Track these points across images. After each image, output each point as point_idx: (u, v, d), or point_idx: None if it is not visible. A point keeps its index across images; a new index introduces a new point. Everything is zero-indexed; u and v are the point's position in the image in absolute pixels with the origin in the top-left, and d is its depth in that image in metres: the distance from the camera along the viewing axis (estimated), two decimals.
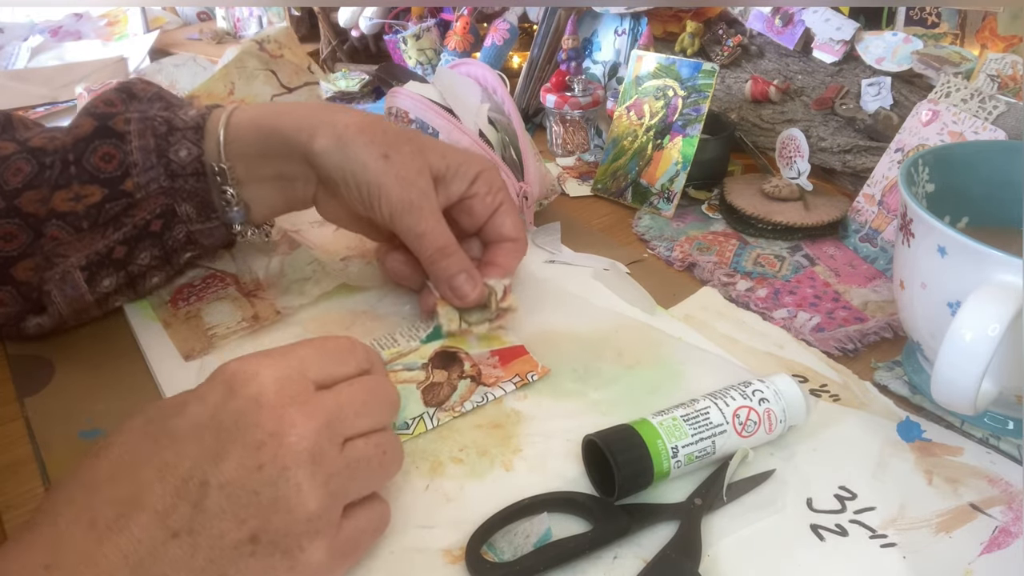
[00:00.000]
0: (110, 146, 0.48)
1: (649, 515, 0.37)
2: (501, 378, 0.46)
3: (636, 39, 0.79)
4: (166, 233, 0.50)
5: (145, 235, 0.50)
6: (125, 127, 0.48)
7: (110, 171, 0.48)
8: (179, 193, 0.49)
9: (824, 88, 0.72)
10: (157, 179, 0.48)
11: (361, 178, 0.46)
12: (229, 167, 0.49)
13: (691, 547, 0.36)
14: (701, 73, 0.65)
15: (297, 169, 0.49)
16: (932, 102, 0.58)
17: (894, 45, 0.68)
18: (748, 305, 0.54)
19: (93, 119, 0.49)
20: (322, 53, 1.07)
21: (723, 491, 0.38)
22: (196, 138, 0.49)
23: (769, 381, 0.41)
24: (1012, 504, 0.38)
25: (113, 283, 0.50)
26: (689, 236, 0.63)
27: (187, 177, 0.49)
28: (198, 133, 0.49)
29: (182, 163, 0.49)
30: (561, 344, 0.50)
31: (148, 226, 0.49)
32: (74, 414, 0.45)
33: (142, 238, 0.50)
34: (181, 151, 0.49)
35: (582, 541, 0.36)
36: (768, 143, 0.71)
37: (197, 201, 0.50)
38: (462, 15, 0.92)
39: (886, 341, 0.51)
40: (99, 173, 0.47)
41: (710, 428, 0.39)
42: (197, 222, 0.51)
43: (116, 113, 0.49)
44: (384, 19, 1.01)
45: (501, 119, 0.64)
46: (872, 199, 0.60)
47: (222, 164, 0.49)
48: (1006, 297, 0.35)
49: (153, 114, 0.50)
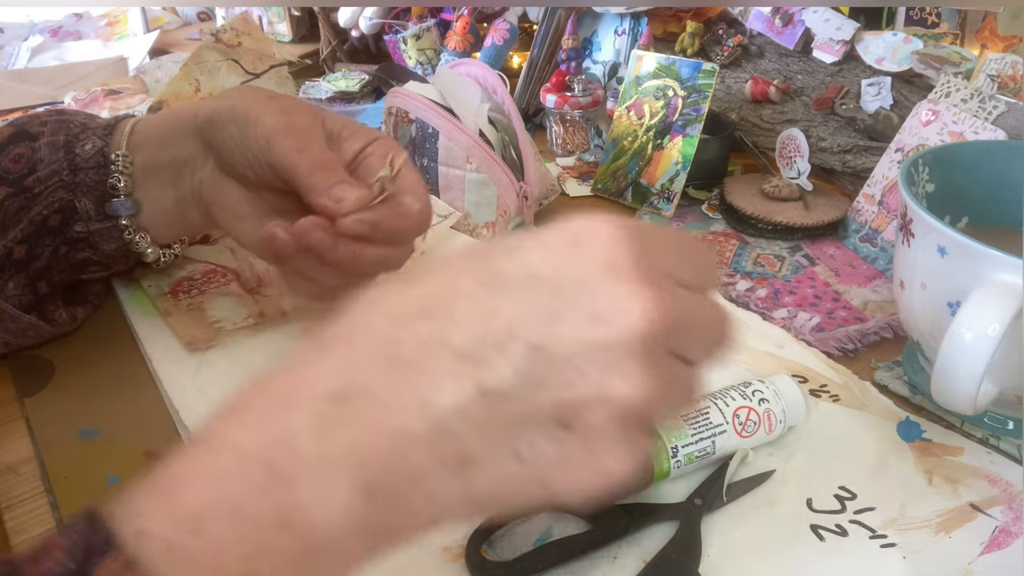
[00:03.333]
0: (23, 147, 0.47)
1: (649, 515, 0.37)
2: None
3: (636, 39, 0.79)
4: (66, 229, 0.48)
5: (44, 231, 0.48)
6: (40, 128, 0.48)
7: (17, 170, 0.47)
8: (79, 187, 0.48)
9: (824, 88, 0.72)
10: (59, 172, 0.47)
11: (250, 127, 0.44)
12: (125, 155, 0.48)
13: (691, 547, 0.36)
14: (701, 73, 0.65)
15: (189, 147, 0.48)
16: (932, 102, 0.58)
17: (894, 45, 0.68)
18: (748, 305, 0.54)
19: (11, 127, 0.49)
20: (322, 53, 1.07)
21: (723, 491, 0.38)
22: (104, 133, 0.49)
23: (769, 381, 0.41)
24: (1012, 504, 0.38)
25: (18, 288, 0.48)
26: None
27: (88, 170, 0.48)
28: (107, 129, 0.49)
29: (86, 156, 0.48)
30: None
31: (46, 221, 0.47)
32: (74, 414, 0.45)
33: (40, 235, 0.48)
34: (87, 145, 0.48)
35: (582, 540, 0.36)
36: (768, 143, 0.71)
37: (96, 195, 0.48)
38: (462, 15, 0.92)
39: (886, 341, 0.51)
40: (7, 175, 0.47)
41: (710, 428, 0.39)
42: (96, 220, 0.49)
43: (36, 119, 0.49)
44: (384, 19, 1.01)
45: (501, 119, 0.64)
46: (872, 199, 0.60)
47: (119, 151, 0.48)
48: (1006, 297, 0.35)
49: (69, 118, 0.50)
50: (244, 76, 0.66)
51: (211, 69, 0.63)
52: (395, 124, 0.67)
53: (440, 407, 0.23)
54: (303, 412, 0.23)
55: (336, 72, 1.00)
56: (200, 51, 0.64)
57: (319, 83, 0.97)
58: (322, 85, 0.96)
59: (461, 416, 0.23)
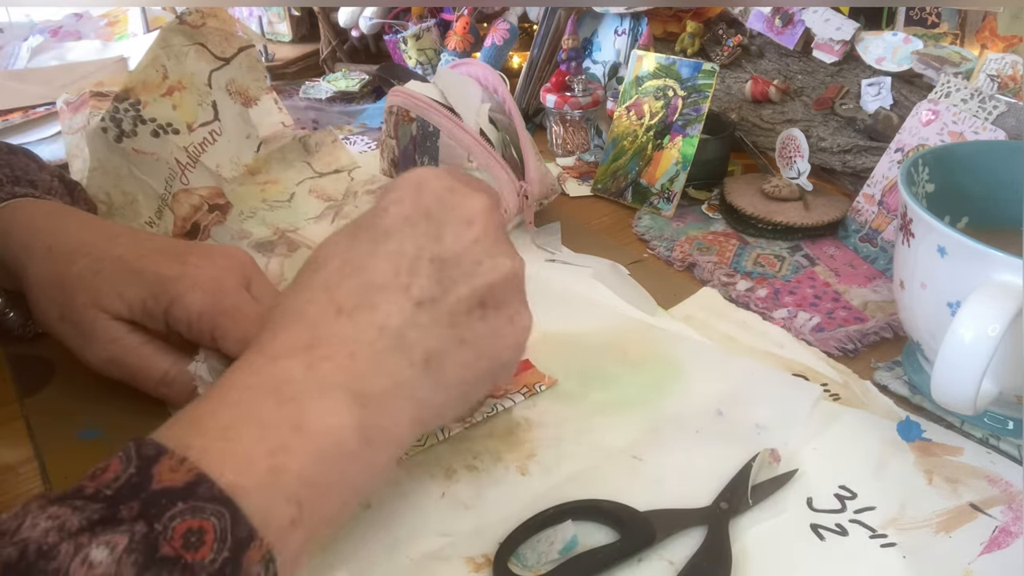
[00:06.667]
0: None
1: (675, 521, 0.37)
2: (510, 389, 0.46)
3: (636, 39, 0.79)
4: None
5: None
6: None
7: None
8: None
9: (824, 88, 0.72)
10: None
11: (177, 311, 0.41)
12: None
13: (721, 554, 0.35)
14: (701, 73, 0.65)
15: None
16: (932, 102, 0.58)
17: (894, 45, 0.68)
18: (748, 305, 0.54)
19: None
20: (322, 53, 1.07)
21: (748, 494, 0.38)
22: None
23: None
24: (1012, 504, 0.38)
25: None
26: (689, 236, 0.63)
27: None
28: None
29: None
30: (565, 346, 0.50)
31: None
32: (74, 414, 0.45)
33: None
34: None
35: (610, 551, 0.35)
36: (768, 143, 0.71)
37: None
38: (462, 15, 0.92)
39: (886, 341, 0.51)
40: None
41: None
42: None
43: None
44: (384, 19, 1.01)
45: (502, 119, 0.64)
46: (872, 199, 0.60)
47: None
48: (1006, 297, 0.35)
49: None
50: (214, 63, 0.64)
51: (178, 54, 0.61)
52: (396, 123, 0.67)
53: (394, 326, 0.31)
54: (289, 359, 0.30)
55: (336, 72, 1.00)
56: (165, 35, 0.60)
57: (319, 83, 0.97)
58: (322, 85, 0.96)
59: (411, 326, 0.31)
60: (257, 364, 0.30)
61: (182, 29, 0.62)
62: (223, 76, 0.65)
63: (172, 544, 0.23)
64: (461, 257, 0.32)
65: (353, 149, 0.80)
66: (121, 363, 0.42)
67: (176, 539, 0.23)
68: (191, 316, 0.40)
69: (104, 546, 0.22)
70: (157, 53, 0.60)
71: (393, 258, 0.32)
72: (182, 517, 0.23)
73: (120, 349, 0.41)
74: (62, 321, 0.42)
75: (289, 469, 0.27)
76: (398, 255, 0.32)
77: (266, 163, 0.72)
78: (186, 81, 0.62)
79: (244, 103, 0.66)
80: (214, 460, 0.25)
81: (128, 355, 0.42)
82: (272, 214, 0.66)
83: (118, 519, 0.23)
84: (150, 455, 0.25)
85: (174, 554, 0.23)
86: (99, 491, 0.24)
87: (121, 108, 0.57)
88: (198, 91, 0.63)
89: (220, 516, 0.24)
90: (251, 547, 0.24)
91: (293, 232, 0.63)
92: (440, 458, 0.42)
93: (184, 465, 0.25)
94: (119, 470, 0.24)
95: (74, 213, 0.48)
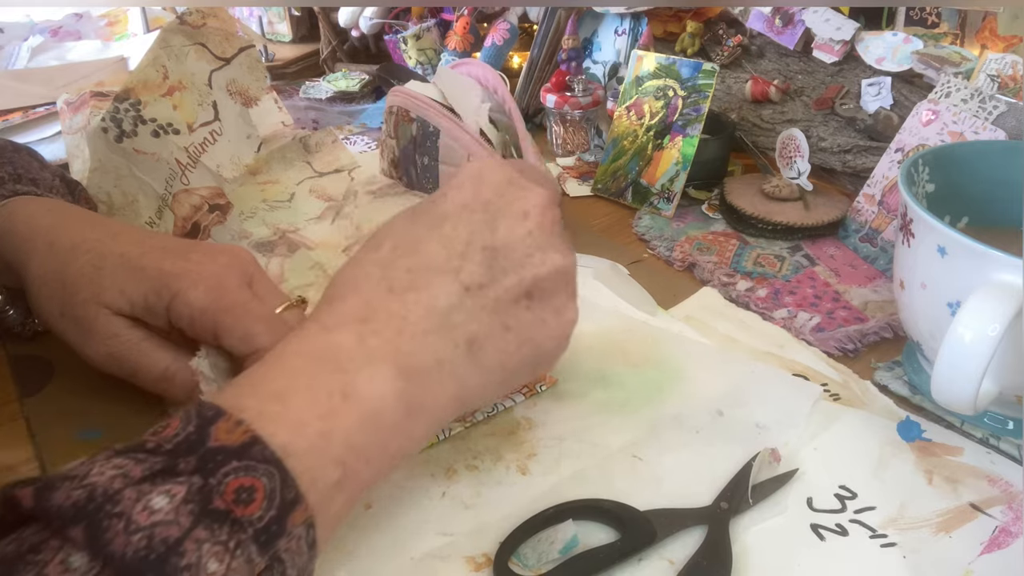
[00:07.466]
0: None
1: (676, 520, 0.37)
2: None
3: (636, 39, 0.79)
4: None
5: None
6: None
7: None
8: None
9: (824, 88, 0.72)
10: None
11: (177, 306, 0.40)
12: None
13: (721, 553, 0.35)
14: (701, 73, 0.65)
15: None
16: (932, 102, 0.58)
17: (894, 45, 0.68)
18: (748, 305, 0.54)
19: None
20: (322, 53, 1.07)
21: (748, 493, 0.38)
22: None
23: None
24: (1012, 504, 0.38)
25: None
26: (689, 236, 0.63)
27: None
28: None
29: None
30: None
31: None
32: (74, 414, 0.45)
33: None
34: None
35: (610, 551, 0.35)
36: (768, 143, 0.71)
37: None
38: (462, 15, 0.92)
39: (886, 341, 0.51)
40: None
41: None
42: None
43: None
44: (384, 19, 1.01)
45: (502, 119, 0.64)
46: (872, 199, 0.60)
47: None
48: (1006, 297, 0.35)
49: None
50: (215, 63, 0.63)
51: (178, 54, 0.61)
52: (396, 123, 0.68)
53: (441, 307, 0.32)
54: (342, 331, 0.31)
55: (336, 72, 1.00)
56: (165, 35, 0.60)
57: (319, 83, 0.97)
58: (322, 85, 0.96)
59: (457, 309, 0.32)
60: (312, 333, 0.31)
61: (182, 29, 0.62)
62: (223, 76, 0.65)
63: (224, 498, 0.24)
64: (513, 248, 0.33)
65: (353, 149, 0.80)
66: (121, 359, 0.42)
67: (228, 494, 0.24)
68: (193, 312, 0.40)
69: (164, 495, 0.23)
70: (157, 53, 0.60)
71: (446, 243, 0.33)
72: (236, 474, 0.25)
73: (121, 345, 0.41)
74: (63, 317, 0.42)
75: (337, 434, 0.28)
76: (451, 240, 0.33)
77: (266, 163, 0.72)
78: (186, 81, 0.61)
79: (244, 103, 0.66)
80: (268, 422, 0.27)
81: (129, 351, 0.42)
82: (272, 214, 0.66)
83: (177, 471, 0.24)
84: (209, 415, 0.26)
85: (225, 508, 0.24)
86: (160, 445, 0.25)
87: (121, 108, 0.57)
88: (198, 91, 0.63)
89: (271, 476, 0.26)
90: (296, 509, 0.26)
91: (293, 232, 0.63)
92: (441, 458, 0.42)
93: (240, 427, 0.26)
94: (179, 428, 0.26)
95: (75, 210, 0.48)
